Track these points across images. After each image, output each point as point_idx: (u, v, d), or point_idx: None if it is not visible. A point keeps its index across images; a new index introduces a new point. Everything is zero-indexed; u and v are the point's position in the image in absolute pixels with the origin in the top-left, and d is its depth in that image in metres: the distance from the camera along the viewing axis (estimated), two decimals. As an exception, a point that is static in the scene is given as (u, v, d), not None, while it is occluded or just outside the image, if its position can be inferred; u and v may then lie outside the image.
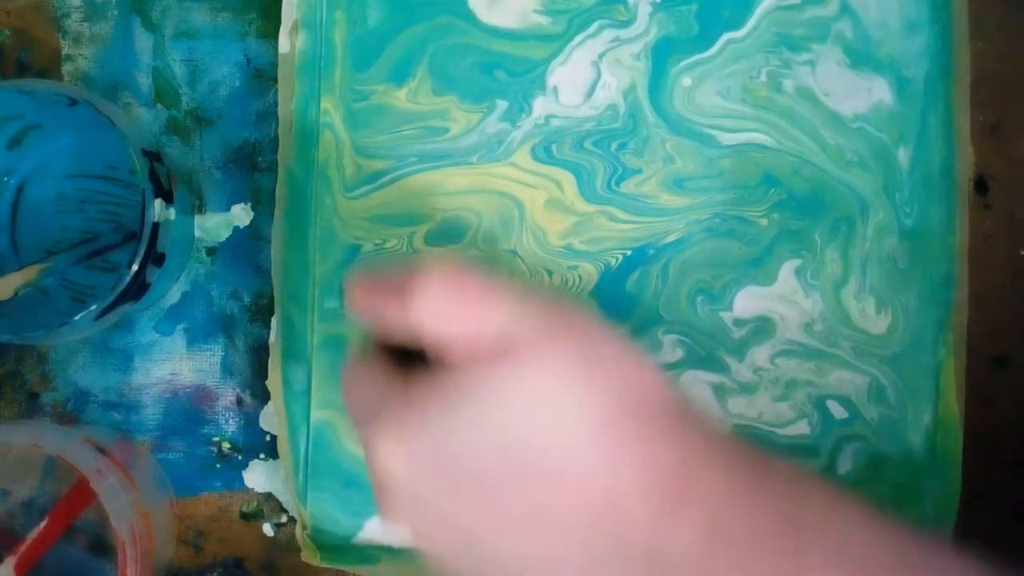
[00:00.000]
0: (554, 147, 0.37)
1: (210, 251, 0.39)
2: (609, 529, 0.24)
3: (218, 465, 0.39)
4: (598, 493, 0.24)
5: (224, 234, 0.39)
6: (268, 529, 0.39)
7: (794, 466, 0.26)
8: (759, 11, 0.37)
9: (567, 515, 0.24)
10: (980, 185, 0.38)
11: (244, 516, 0.39)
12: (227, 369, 0.39)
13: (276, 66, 0.38)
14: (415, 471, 0.25)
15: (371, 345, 0.28)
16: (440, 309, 0.25)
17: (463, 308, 0.25)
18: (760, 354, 0.37)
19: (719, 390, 0.37)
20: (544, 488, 0.24)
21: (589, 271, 0.37)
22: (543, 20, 0.37)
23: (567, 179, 0.37)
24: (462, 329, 0.25)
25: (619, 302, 0.37)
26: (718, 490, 0.24)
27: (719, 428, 0.26)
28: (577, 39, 0.37)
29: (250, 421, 0.39)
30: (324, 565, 0.36)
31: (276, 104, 0.37)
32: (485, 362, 0.25)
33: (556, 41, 0.37)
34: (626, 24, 0.37)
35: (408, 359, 0.27)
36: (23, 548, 0.35)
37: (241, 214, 0.39)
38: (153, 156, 0.35)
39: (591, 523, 0.24)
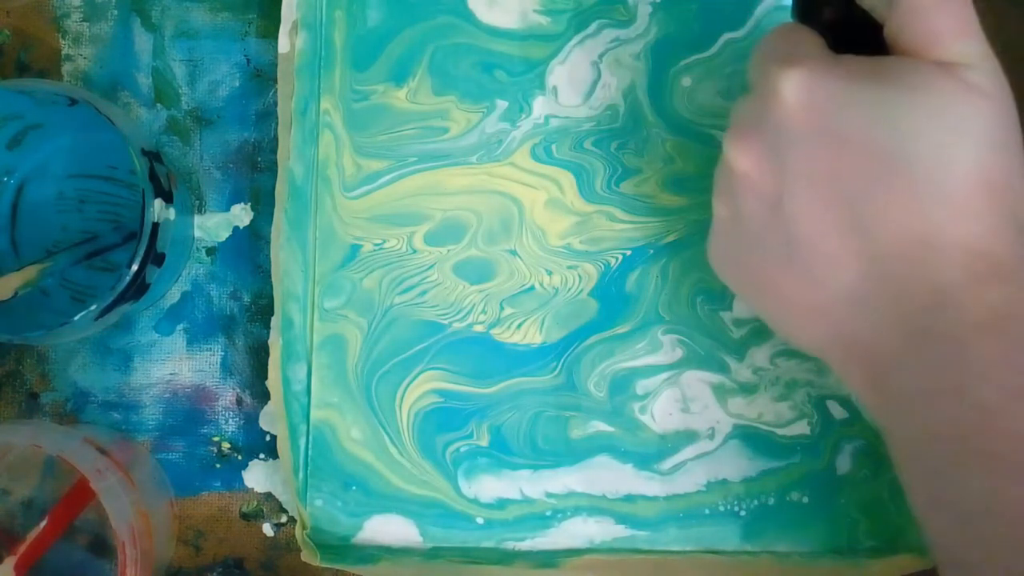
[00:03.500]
0: (554, 147, 0.37)
1: (210, 251, 0.39)
2: (902, 268, 0.25)
3: (218, 465, 0.39)
4: (924, 232, 0.25)
5: (224, 234, 0.39)
6: (268, 529, 0.39)
7: None
8: (759, 11, 0.37)
9: (880, 236, 0.25)
10: (980, 185, 0.38)
11: (244, 516, 0.39)
12: (227, 369, 0.39)
13: (276, 66, 0.38)
14: (798, 115, 0.25)
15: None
16: (940, 1, 0.25)
17: (959, 9, 0.25)
18: (760, 354, 0.37)
19: (719, 390, 0.37)
20: (888, 200, 0.25)
21: (589, 271, 0.37)
22: (543, 20, 0.37)
23: (567, 179, 0.37)
24: (948, 30, 0.25)
25: (619, 302, 0.37)
26: None
27: None
28: (577, 39, 0.37)
29: (250, 421, 0.39)
30: (324, 565, 0.36)
31: (276, 104, 0.37)
32: (945, 73, 0.25)
33: (556, 41, 0.37)
34: (626, 24, 0.37)
35: None
36: (23, 548, 0.35)
37: (241, 214, 0.39)
38: (153, 156, 0.35)
39: (893, 256, 0.25)
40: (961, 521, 0.25)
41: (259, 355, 0.39)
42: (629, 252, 0.37)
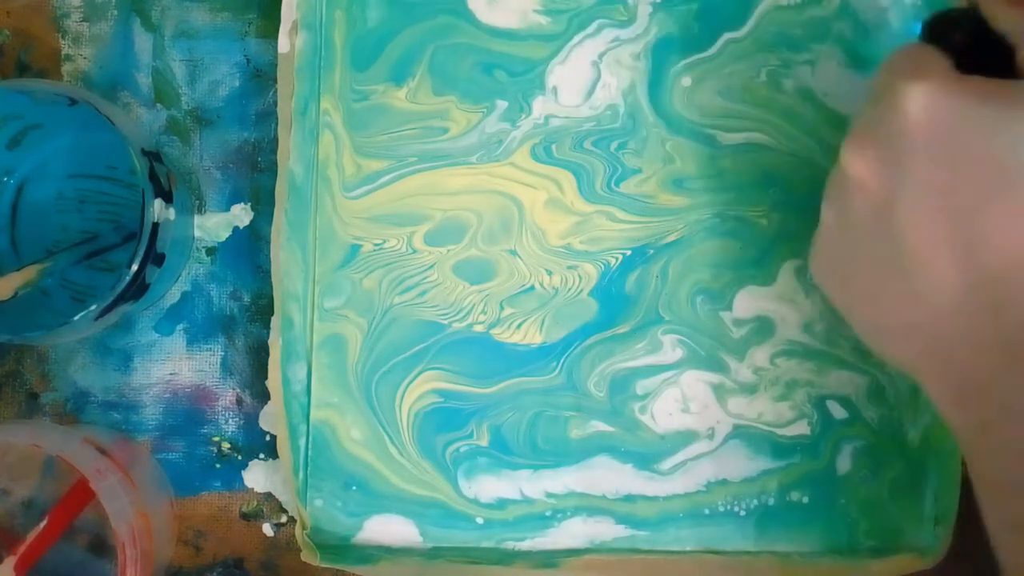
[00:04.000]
0: (554, 147, 0.37)
1: (210, 251, 0.39)
2: (1009, 287, 0.25)
3: (218, 465, 0.39)
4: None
5: (224, 234, 0.39)
6: (268, 529, 0.39)
7: None
8: (759, 11, 0.37)
9: (987, 253, 0.25)
10: (980, 185, 0.38)
11: (244, 516, 0.39)
12: (227, 369, 0.39)
13: (276, 66, 0.38)
14: (921, 128, 0.26)
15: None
16: None
17: None
18: (760, 354, 0.37)
19: (719, 390, 0.37)
20: (1002, 217, 0.25)
21: (589, 271, 0.37)
22: (543, 20, 0.37)
23: (567, 179, 0.37)
24: None
25: (619, 302, 0.37)
26: None
27: None
28: (577, 39, 0.37)
29: (250, 421, 0.39)
30: (324, 565, 0.36)
31: (276, 104, 0.37)
32: None
33: (556, 41, 0.37)
34: (626, 24, 0.37)
35: None
36: (23, 548, 0.35)
37: (241, 214, 0.39)
38: (153, 156, 0.35)
39: (998, 276, 0.25)
40: None
41: (259, 355, 0.39)
42: (629, 252, 0.37)
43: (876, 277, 0.28)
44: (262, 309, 0.39)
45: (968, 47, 0.28)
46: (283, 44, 0.37)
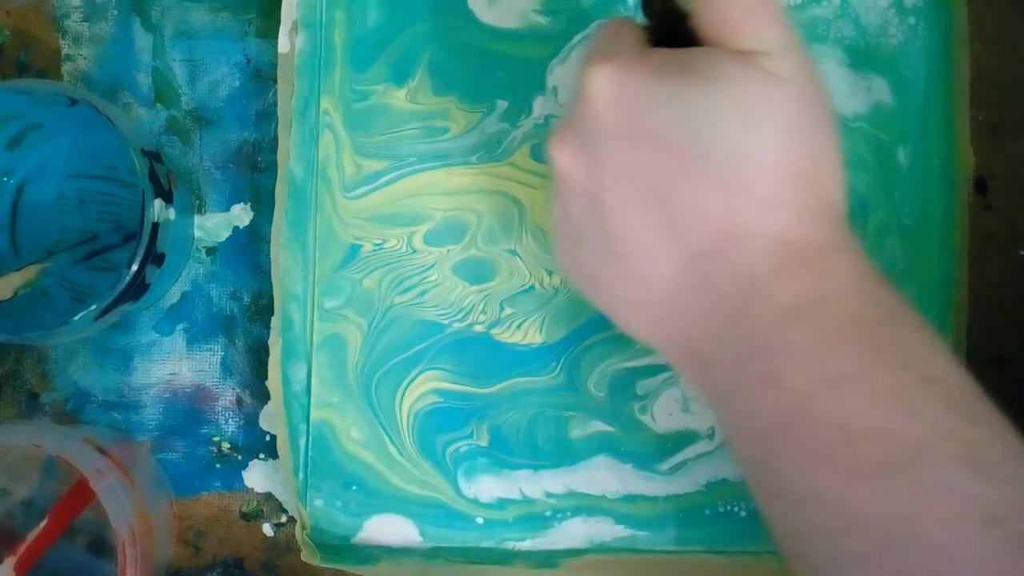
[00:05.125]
0: (554, 147, 0.37)
1: (210, 251, 0.39)
2: (714, 261, 0.25)
3: (218, 465, 0.39)
4: (731, 224, 0.25)
5: (224, 234, 0.39)
6: (268, 529, 0.39)
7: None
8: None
9: (691, 231, 0.25)
10: (980, 185, 0.38)
11: (244, 516, 0.39)
12: (227, 369, 0.39)
13: (276, 66, 0.38)
14: (609, 113, 0.26)
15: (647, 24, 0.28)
16: None
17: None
18: (760, 354, 0.37)
19: (719, 390, 0.37)
20: (695, 194, 0.25)
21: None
22: (542, 20, 0.37)
23: (567, 179, 0.37)
24: (742, 18, 0.25)
25: (619, 302, 0.37)
26: (833, 275, 0.25)
27: (871, 266, 0.26)
28: (576, 39, 0.37)
29: (250, 421, 0.39)
30: (324, 565, 0.36)
31: (276, 104, 0.37)
32: (744, 61, 0.25)
33: (556, 41, 0.37)
34: (626, 24, 0.37)
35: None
36: (23, 548, 0.35)
37: (241, 214, 0.39)
38: (153, 156, 0.35)
39: (705, 252, 0.25)
40: (791, 511, 0.25)
41: (259, 355, 0.39)
42: (629, 252, 0.37)
43: (601, 265, 0.28)
44: (262, 309, 0.39)
45: (662, 16, 0.28)
46: (283, 44, 0.37)
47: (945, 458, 0.23)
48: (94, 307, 0.33)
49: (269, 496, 0.39)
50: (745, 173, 0.24)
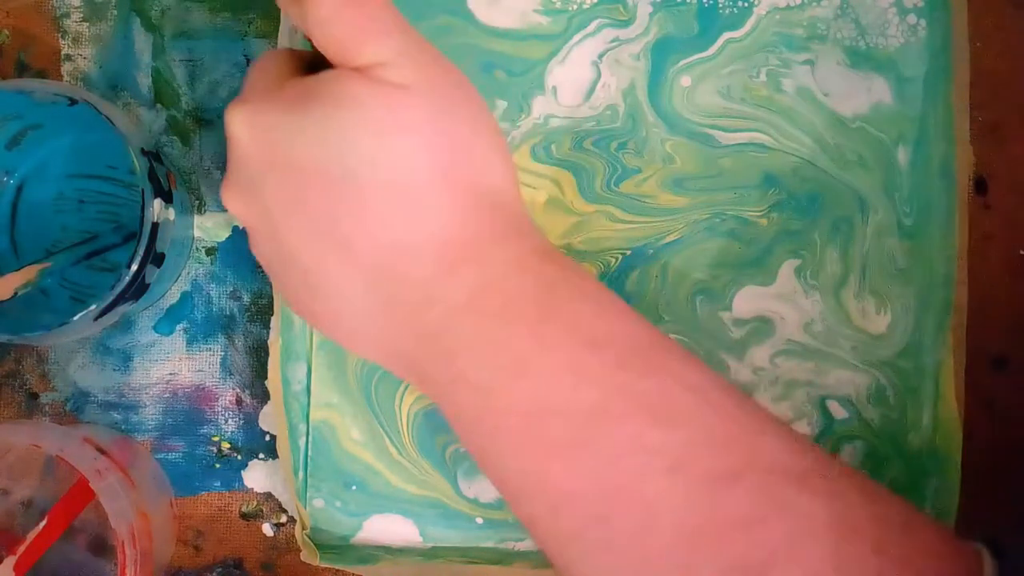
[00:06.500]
0: (553, 147, 0.37)
1: (210, 251, 0.39)
2: (389, 276, 0.25)
3: (218, 465, 0.39)
4: (393, 237, 0.25)
5: (224, 234, 0.39)
6: (268, 529, 0.39)
7: (579, 280, 0.27)
8: (759, 11, 0.37)
9: (361, 252, 0.25)
10: (980, 185, 0.38)
11: (244, 516, 0.39)
12: (227, 369, 0.39)
13: (276, 66, 0.38)
14: (254, 154, 0.26)
15: (295, 46, 0.29)
16: (339, 9, 0.25)
17: (362, 13, 0.25)
18: (760, 354, 0.37)
19: (719, 390, 0.37)
20: (353, 215, 0.25)
21: (589, 271, 0.37)
22: (542, 20, 0.37)
23: (566, 179, 0.37)
24: (352, 36, 0.25)
25: (619, 302, 0.37)
26: (497, 262, 0.25)
27: (541, 243, 0.27)
28: (576, 39, 0.37)
29: (250, 421, 0.39)
30: (324, 565, 0.36)
31: (276, 104, 0.37)
32: (362, 78, 0.25)
33: (555, 41, 0.37)
34: (626, 24, 0.37)
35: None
36: (23, 548, 0.35)
37: (241, 214, 0.39)
38: (152, 156, 0.35)
39: (379, 267, 0.25)
40: (514, 502, 0.26)
41: (259, 355, 0.39)
42: (629, 252, 0.37)
43: (305, 298, 0.28)
44: (262, 309, 0.39)
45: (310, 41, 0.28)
46: (283, 44, 0.37)
47: (622, 415, 0.24)
48: (94, 307, 0.33)
49: (269, 496, 0.39)
50: (388, 187, 0.25)
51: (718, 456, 0.23)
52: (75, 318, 0.33)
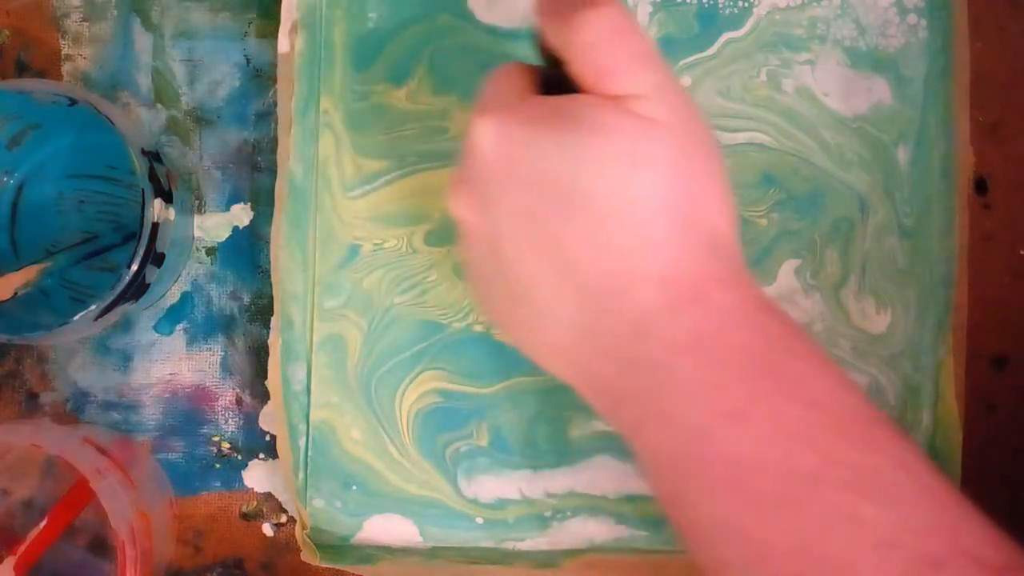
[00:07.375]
0: (554, 147, 0.37)
1: (210, 251, 0.39)
2: (606, 301, 0.26)
3: (218, 465, 0.39)
4: (620, 266, 0.25)
5: (224, 234, 0.39)
6: (268, 529, 0.39)
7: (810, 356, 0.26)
8: (759, 11, 0.37)
9: (584, 273, 0.26)
10: (980, 185, 0.38)
11: (244, 516, 0.39)
12: (227, 369, 0.39)
13: (276, 66, 0.38)
14: (494, 164, 0.26)
15: (538, 64, 0.29)
16: (607, 36, 0.26)
17: (628, 43, 0.26)
18: (760, 354, 0.37)
19: (719, 390, 0.37)
20: (584, 238, 0.25)
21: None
22: (543, 20, 0.37)
23: (567, 179, 0.37)
24: (615, 64, 0.26)
25: (619, 302, 0.37)
26: (721, 308, 0.25)
27: (760, 294, 0.27)
28: (577, 39, 0.37)
29: (250, 421, 0.39)
30: (324, 565, 0.36)
31: (276, 104, 0.37)
32: (617, 108, 0.25)
33: (556, 41, 0.37)
34: (626, 24, 0.37)
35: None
36: (23, 548, 0.35)
37: (241, 214, 0.39)
38: (153, 156, 0.35)
39: (597, 290, 0.26)
40: (704, 546, 0.26)
41: (259, 355, 0.39)
42: (629, 252, 0.37)
43: (508, 306, 0.28)
44: (262, 309, 0.39)
45: (551, 60, 0.28)
46: (283, 44, 0.37)
47: (837, 484, 0.24)
48: (94, 307, 0.33)
49: (269, 496, 0.39)
50: (625, 216, 0.25)
51: (926, 540, 0.23)
52: (75, 318, 0.33)
